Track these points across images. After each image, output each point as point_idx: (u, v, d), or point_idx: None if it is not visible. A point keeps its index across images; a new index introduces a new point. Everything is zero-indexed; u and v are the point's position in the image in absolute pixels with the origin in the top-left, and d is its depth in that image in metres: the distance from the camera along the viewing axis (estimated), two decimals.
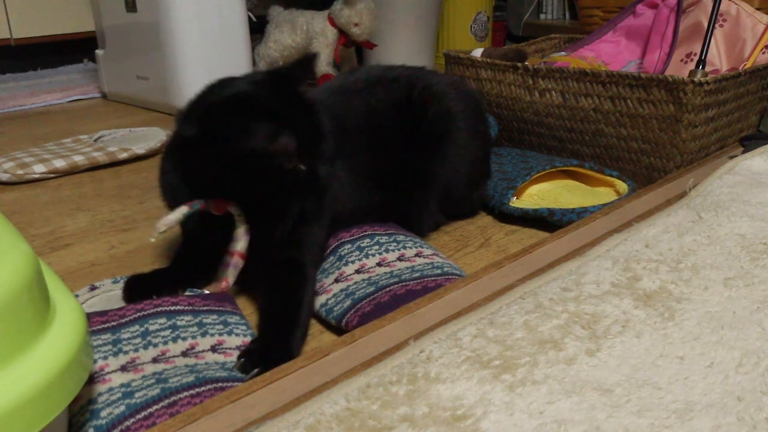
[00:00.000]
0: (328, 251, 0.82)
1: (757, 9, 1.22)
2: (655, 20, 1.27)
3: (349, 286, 0.75)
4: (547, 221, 0.93)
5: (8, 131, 1.64)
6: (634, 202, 0.88)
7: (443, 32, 2.39)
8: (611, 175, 1.02)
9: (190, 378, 0.59)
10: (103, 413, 0.55)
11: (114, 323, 0.67)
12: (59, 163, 1.26)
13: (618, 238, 0.74)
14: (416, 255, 0.81)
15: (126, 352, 0.63)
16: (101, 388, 0.58)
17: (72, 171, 1.28)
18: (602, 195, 1.00)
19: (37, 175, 1.24)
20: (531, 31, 2.59)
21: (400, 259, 0.80)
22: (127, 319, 0.68)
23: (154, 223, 0.72)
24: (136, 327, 0.67)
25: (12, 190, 1.21)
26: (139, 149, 1.35)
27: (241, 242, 0.74)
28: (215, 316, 0.70)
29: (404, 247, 0.82)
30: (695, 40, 1.20)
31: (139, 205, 1.12)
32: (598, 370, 0.53)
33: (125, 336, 0.66)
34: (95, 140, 1.43)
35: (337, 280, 0.77)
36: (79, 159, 1.28)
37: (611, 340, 0.56)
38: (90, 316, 0.68)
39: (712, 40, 1.15)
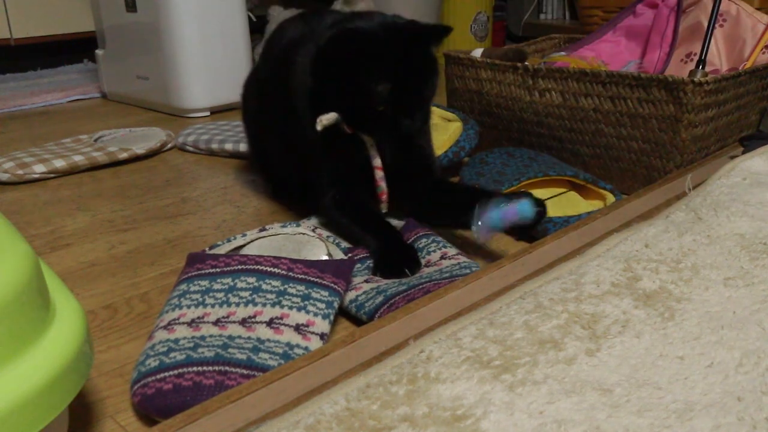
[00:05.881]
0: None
1: (757, 9, 1.22)
2: (655, 20, 1.27)
3: (379, 285, 0.76)
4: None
5: (8, 131, 1.65)
6: (634, 202, 0.88)
7: None
8: (604, 188, 1.00)
9: (211, 353, 0.61)
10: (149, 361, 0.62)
11: (218, 270, 0.71)
12: (59, 163, 1.26)
13: (618, 238, 0.74)
14: (441, 257, 0.82)
15: (205, 305, 0.67)
16: (162, 335, 0.65)
17: (72, 171, 1.28)
18: (587, 208, 0.97)
19: (37, 175, 1.24)
20: (531, 31, 2.59)
21: (427, 265, 0.81)
22: (230, 268, 0.71)
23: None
24: (228, 280, 0.70)
25: (12, 190, 1.21)
26: (139, 149, 1.35)
27: (375, 158, 0.87)
28: (303, 287, 0.70)
29: (428, 253, 0.83)
30: (695, 40, 1.20)
31: (139, 205, 1.12)
32: (598, 370, 0.53)
33: (216, 287, 0.69)
34: (95, 140, 1.43)
35: (367, 281, 0.77)
36: (79, 159, 1.28)
37: (611, 340, 0.56)
38: (205, 258, 0.74)
39: (712, 40, 1.15)
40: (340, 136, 0.86)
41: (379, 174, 0.88)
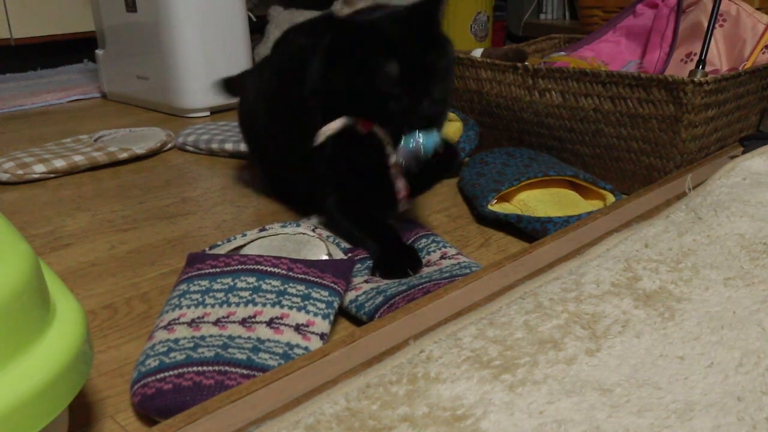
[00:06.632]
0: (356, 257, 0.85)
1: (757, 9, 1.22)
2: (655, 20, 1.27)
3: (379, 285, 0.76)
4: (516, 227, 0.94)
5: (8, 131, 1.64)
6: (634, 202, 0.88)
7: None
8: (604, 188, 1.00)
9: (211, 353, 0.61)
10: (149, 361, 0.62)
11: (218, 270, 0.71)
12: (59, 163, 1.26)
13: (618, 238, 0.74)
14: (441, 257, 0.82)
15: (205, 305, 0.67)
16: (162, 335, 0.65)
17: (72, 171, 1.28)
18: (587, 208, 0.97)
19: (37, 175, 1.24)
20: (531, 31, 2.59)
21: (427, 265, 0.81)
22: (230, 268, 0.71)
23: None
24: (228, 280, 0.70)
25: (12, 190, 1.21)
26: (139, 149, 1.35)
27: (392, 156, 0.82)
28: (303, 287, 0.70)
29: (428, 253, 0.84)
30: (695, 40, 1.20)
31: (139, 205, 1.12)
32: (598, 370, 0.53)
33: (216, 287, 0.69)
34: (95, 140, 1.43)
35: (367, 281, 0.77)
36: (79, 159, 1.28)
37: (611, 340, 0.56)
38: (205, 258, 0.74)
39: (712, 40, 1.15)
40: (352, 139, 0.84)
41: (396, 173, 0.86)
